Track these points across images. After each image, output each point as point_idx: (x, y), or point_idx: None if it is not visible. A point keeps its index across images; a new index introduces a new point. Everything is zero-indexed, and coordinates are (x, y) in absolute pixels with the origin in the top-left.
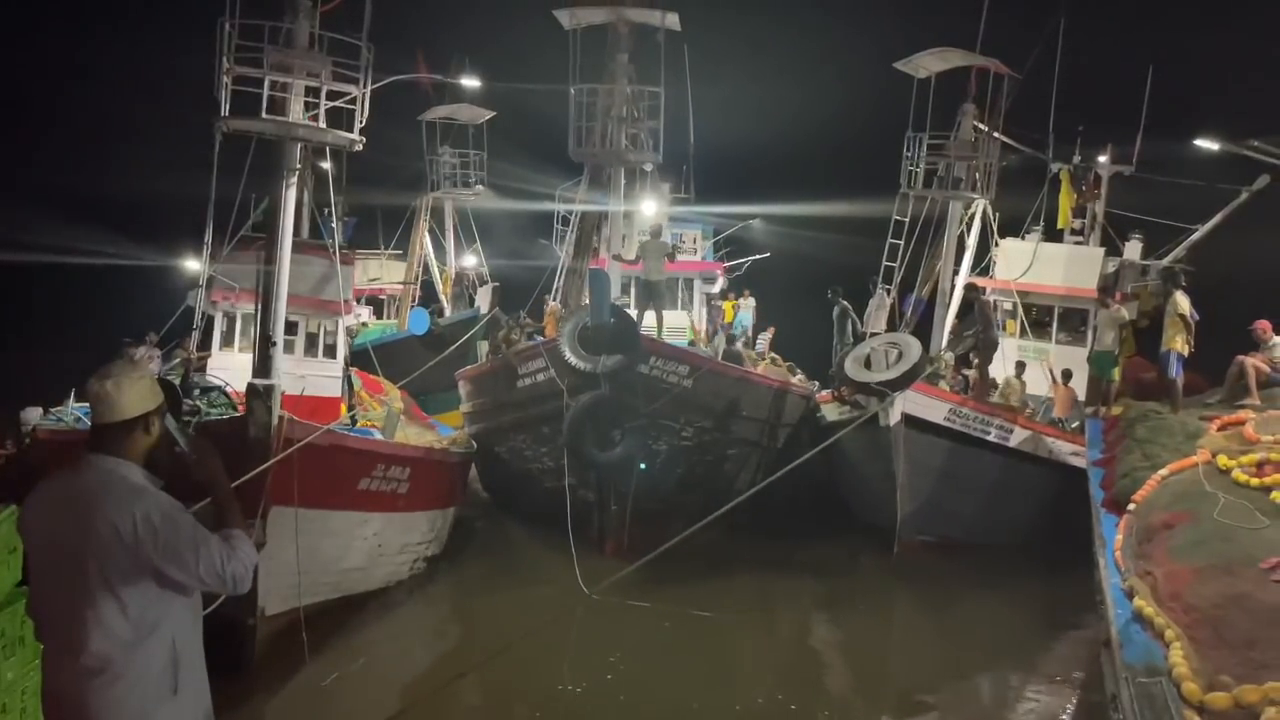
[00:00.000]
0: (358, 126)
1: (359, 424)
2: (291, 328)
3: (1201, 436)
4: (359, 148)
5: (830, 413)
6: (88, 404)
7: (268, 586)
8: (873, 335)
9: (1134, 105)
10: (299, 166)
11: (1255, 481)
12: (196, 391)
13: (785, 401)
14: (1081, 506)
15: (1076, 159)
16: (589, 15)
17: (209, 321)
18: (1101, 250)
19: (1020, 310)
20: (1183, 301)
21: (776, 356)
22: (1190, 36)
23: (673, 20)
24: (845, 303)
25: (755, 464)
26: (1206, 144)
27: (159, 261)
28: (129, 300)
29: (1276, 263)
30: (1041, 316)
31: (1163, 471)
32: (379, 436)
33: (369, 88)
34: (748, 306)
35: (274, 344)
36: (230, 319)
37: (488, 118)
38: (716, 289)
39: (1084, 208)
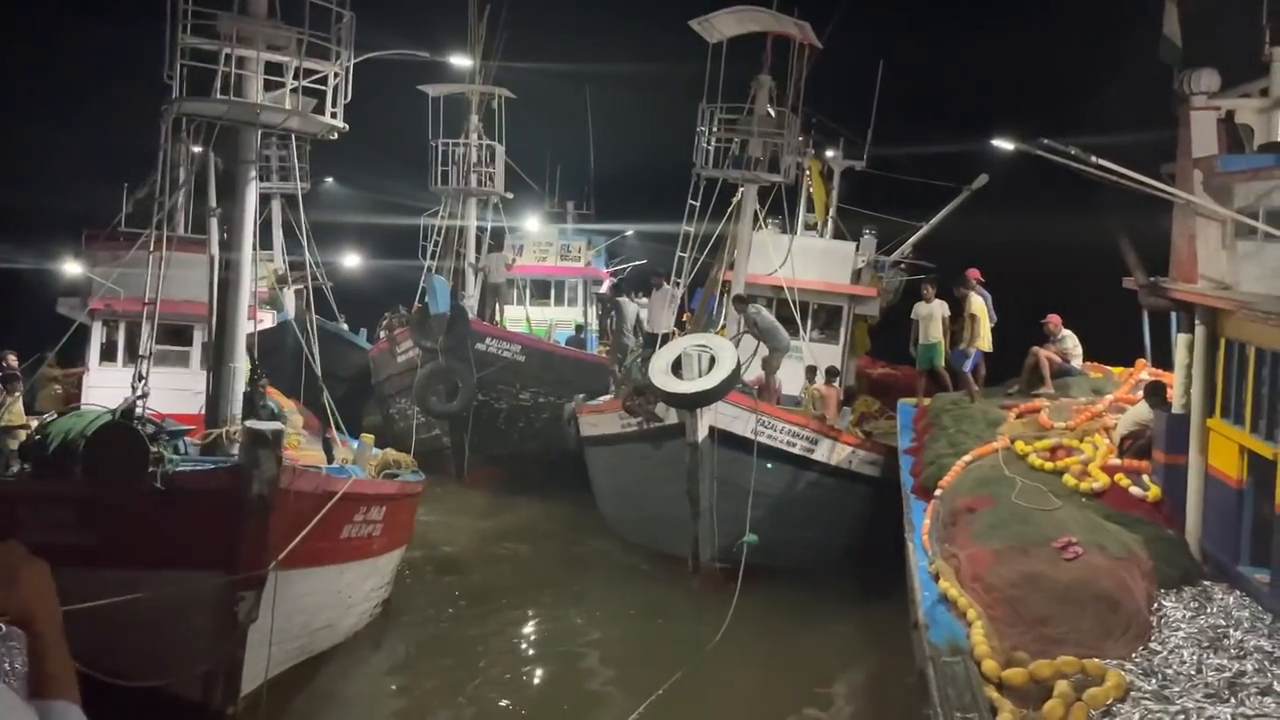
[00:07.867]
0: (331, 109)
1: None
2: (183, 336)
3: (1002, 424)
4: (336, 136)
5: (609, 424)
6: None
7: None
8: (664, 336)
9: (881, 100)
10: (252, 159)
11: (1049, 466)
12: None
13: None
14: (894, 516)
15: (810, 152)
16: (448, 89)
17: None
18: (854, 245)
19: (776, 306)
20: (977, 302)
21: None
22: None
23: (505, 91)
24: (622, 299)
25: None
26: (1003, 144)
27: (32, 265)
28: None
29: (996, 257)
30: (783, 311)
31: (966, 458)
32: (359, 472)
33: (350, 64)
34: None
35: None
36: (112, 329)
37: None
38: (604, 289)
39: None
